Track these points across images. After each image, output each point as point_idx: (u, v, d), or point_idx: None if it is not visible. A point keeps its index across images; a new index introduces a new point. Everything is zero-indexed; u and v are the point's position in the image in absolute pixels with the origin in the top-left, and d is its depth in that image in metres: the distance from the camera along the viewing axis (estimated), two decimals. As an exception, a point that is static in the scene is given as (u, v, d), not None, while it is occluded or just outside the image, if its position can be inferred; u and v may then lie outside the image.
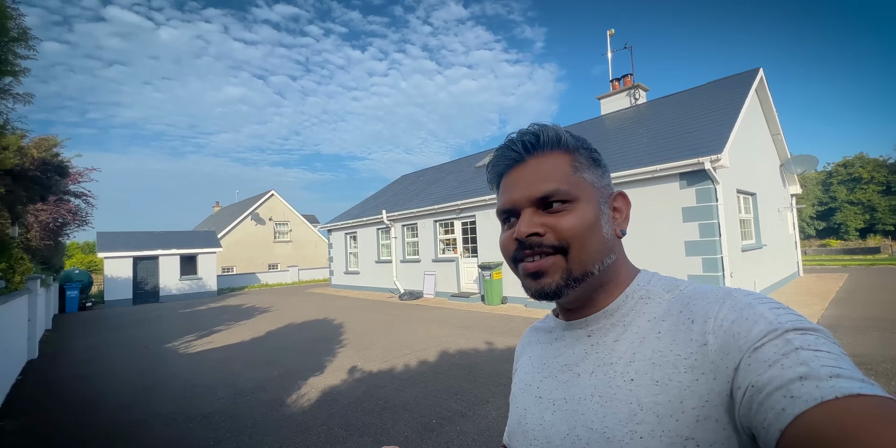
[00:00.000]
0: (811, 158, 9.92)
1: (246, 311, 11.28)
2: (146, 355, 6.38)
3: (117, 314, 12.31)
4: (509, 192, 0.56)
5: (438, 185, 13.48)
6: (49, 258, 8.66)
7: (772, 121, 9.81)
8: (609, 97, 12.27)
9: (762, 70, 8.76)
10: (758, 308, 0.43)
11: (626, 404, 0.46)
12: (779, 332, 0.40)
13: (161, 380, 4.98)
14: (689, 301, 0.50)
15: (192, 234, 18.57)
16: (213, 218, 31.01)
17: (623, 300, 0.55)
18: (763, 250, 8.49)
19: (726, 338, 0.43)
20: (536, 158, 0.56)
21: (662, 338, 0.48)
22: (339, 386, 4.36)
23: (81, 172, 8.22)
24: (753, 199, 8.47)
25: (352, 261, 15.70)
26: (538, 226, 0.53)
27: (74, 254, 38.62)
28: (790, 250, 11.11)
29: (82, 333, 8.97)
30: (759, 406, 0.37)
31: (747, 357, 0.40)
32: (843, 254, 26.40)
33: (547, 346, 0.62)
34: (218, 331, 8.25)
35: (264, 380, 4.72)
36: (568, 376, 0.55)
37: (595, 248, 0.53)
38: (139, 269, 15.73)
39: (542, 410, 0.56)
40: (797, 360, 0.36)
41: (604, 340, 0.54)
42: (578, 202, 0.54)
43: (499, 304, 9.27)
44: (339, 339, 6.67)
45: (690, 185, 6.50)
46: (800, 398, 0.34)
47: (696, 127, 7.57)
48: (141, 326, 9.52)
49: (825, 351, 0.37)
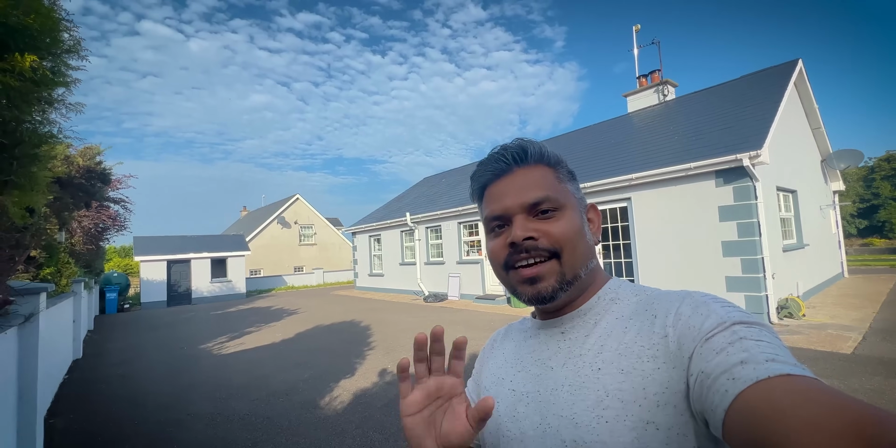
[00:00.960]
0: (855, 153, 9.40)
1: (275, 312, 11.50)
2: (182, 356, 6.56)
3: (153, 316, 12.75)
4: (500, 200, 0.59)
5: (461, 187, 13.43)
6: (91, 262, 9.05)
7: (812, 114, 9.35)
8: (636, 94, 11.97)
9: (801, 61, 8.36)
10: (711, 305, 0.48)
11: (594, 392, 0.50)
12: (727, 325, 0.44)
13: (197, 380, 5.10)
14: (653, 301, 0.54)
15: (221, 237, 19.13)
16: (241, 222, 31.89)
17: (595, 301, 0.59)
18: (805, 250, 8.08)
19: (683, 330, 0.47)
20: (524, 169, 0.59)
21: (628, 332, 0.52)
22: (371, 389, 4.36)
23: (120, 179, 8.54)
24: (794, 196, 8.08)
25: (376, 263, 15.82)
26: (532, 230, 0.56)
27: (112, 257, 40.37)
28: (833, 250, 10.55)
29: (121, 334, 9.32)
30: (707, 390, 0.40)
31: (699, 347, 0.44)
32: (889, 253, 24.93)
33: (521, 343, 0.65)
34: (249, 332, 8.43)
35: (297, 381, 4.77)
36: (541, 370, 0.58)
37: (582, 252, 0.57)
38: (173, 271, 16.28)
39: (514, 403, 0.58)
40: (740, 348, 0.40)
41: (575, 336, 0.57)
42: (566, 210, 0.58)
43: (525, 307, 9.14)
44: (367, 342, 6.70)
45: (727, 183, 6.24)
46: (739, 379, 0.37)
47: (732, 122, 7.28)
48: (175, 328, 9.83)
49: (766, 341, 0.41)
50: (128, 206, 9.57)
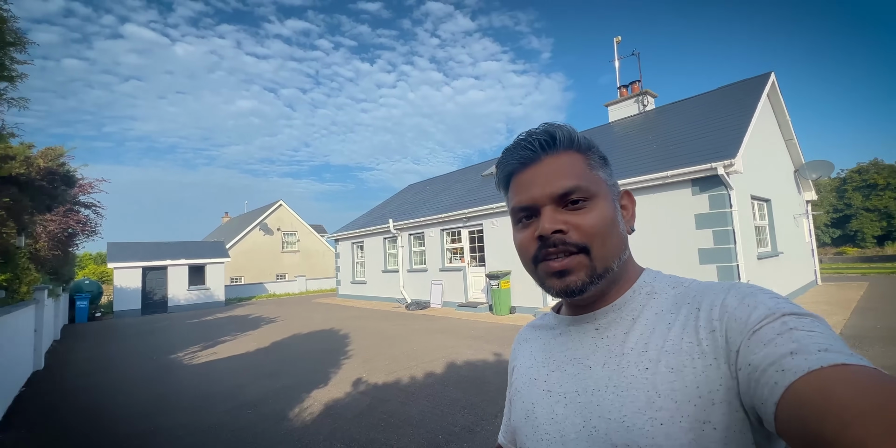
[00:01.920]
0: (826, 164, 9.69)
1: (252, 321, 11.22)
2: (152, 366, 6.31)
3: (126, 324, 12.32)
4: (527, 190, 0.55)
5: (445, 194, 13.42)
6: (58, 268, 8.70)
7: (785, 126, 9.63)
8: (617, 104, 12.19)
9: (773, 74, 8.62)
10: (759, 296, 0.46)
11: (644, 392, 0.47)
12: (776, 316, 0.41)
13: (165, 392, 4.89)
14: (695, 293, 0.51)
15: (200, 244, 18.68)
16: (223, 228, 31.28)
17: (631, 295, 0.56)
18: (779, 258, 8.25)
19: (730, 323, 0.44)
20: (552, 157, 0.56)
21: (672, 328, 0.49)
22: (343, 399, 4.23)
23: (91, 183, 8.29)
24: (768, 205, 8.27)
25: (359, 270, 15.63)
26: (561, 223, 0.53)
27: (87, 264, 39.10)
28: (807, 258, 10.80)
29: (90, 344, 8.95)
30: (756, 383, 0.38)
31: (747, 339, 0.41)
32: (861, 262, 25.72)
33: (550, 341, 0.62)
34: (224, 341, 8.18)
35: (267, 392, 4.61)
36: (578, 369, 0.55)
37: (614, 244, 0.54)
38: (148, 279, 15.80)
39: (552, 404, 0.55)
40: (790, 339, 0.38)
41: (613, 333, 0.54)
42: (597, 199, 0.54)
43: (507, 314, 9.09)
44: (344, 350, 6.55)
45: (703, 192, 6.34)
46: (790, 370, 0.35)
47: (708, 132, 7.44)
48: (148, 337, 9.49)
49: (818, 332, 0.39)
50: (100, 211, 9.31)
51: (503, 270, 9.27)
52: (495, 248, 9.81)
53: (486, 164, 15.12)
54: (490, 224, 9.91)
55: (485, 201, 10.09)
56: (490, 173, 12.81)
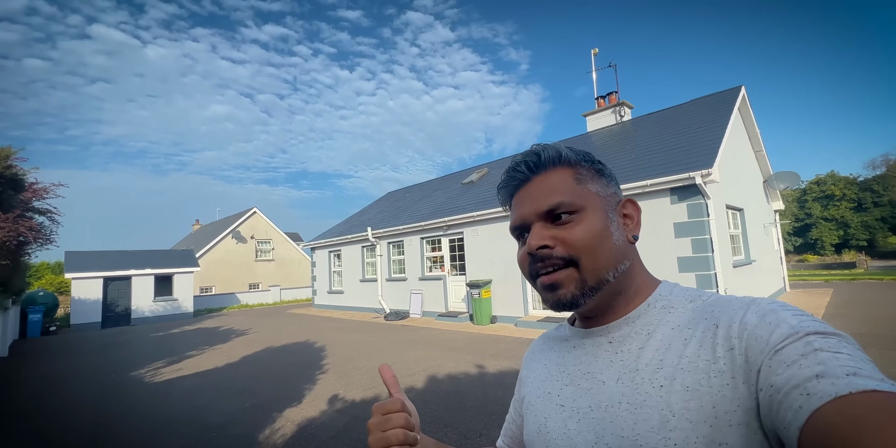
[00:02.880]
0: (793, 175, 10.07)
1: (222, 333, 10.69)
2: (108, 385, 5.85)
3: (83, 339, 11.54)
4: (519, 210, 0.58)
5: (425, 202, 13.28)
6: (7, 279, 8.05)
7: (754, 138, 9.97)
8: (595, 114, 12.40)
9: (744, 88, 8.93)
10: (781, 313, 0.44)
11: (658, 411, 0.46)
12: (800, 335, 0.40)
13: (121, 414, 4.50)
14: (713, 309, 0.50)
15: (167, 253, 17.86)
16: (193, 236, 30.11)
17: (645, 308, 0.55)
18: (752, 266, 8.44)
19: (750, 341, 0.43)
20: (541, 176, 0.57)
21: (689, 344, 0.48)
22: (318, 418, 3.97)
23: (47, 188, 7.73)
24: (741, 214, 8.48)
25: (336, 280, 15.22)
26: (548, 238, 0.54)
27: (44, 274, 36.91)
28: (776, 265, 11.15)
29: (41, 361, 8.29)
30: (778, 406, 0.37)
31: (768, 359, 0.40)
32: (821, 268, 26.93)
33: (564, 354, 0.61)
34: (190, 356, 7.71)
35: (235, 412, 4.30)
36: (591, 384, 0.54)
37: (606, 255, 0.53)
38: (110, 290, 14.93)
39: (565, 419, 0.55)
40: (815, 360, 0.37)
41: (628, 348, 0.53)
42: (585, 211, 0.55)
43: (488, 324, 8.95)
44: (319, 364, 6.25)
45: (682, 200, 6.42)
46: (815, 395, 0.34)
47: (684, 143, 7.59)
48: (107, 352, 8.87)
49: (846, 353, 0.37)
50: (56, 218, 8.70)
51: (484, 279, 9.15)
52: (476, 257, 9.70)
53: (465, 172, 15.09)
54: (471, 232, 9.80)
55: (465, 209, 10.00)
56: (470, 181, 12.76)
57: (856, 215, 36.56)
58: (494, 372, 5.18)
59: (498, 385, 4.62)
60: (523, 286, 8.61)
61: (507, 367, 5.33)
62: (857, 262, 25.75)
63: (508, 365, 5.45)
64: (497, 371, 5.21)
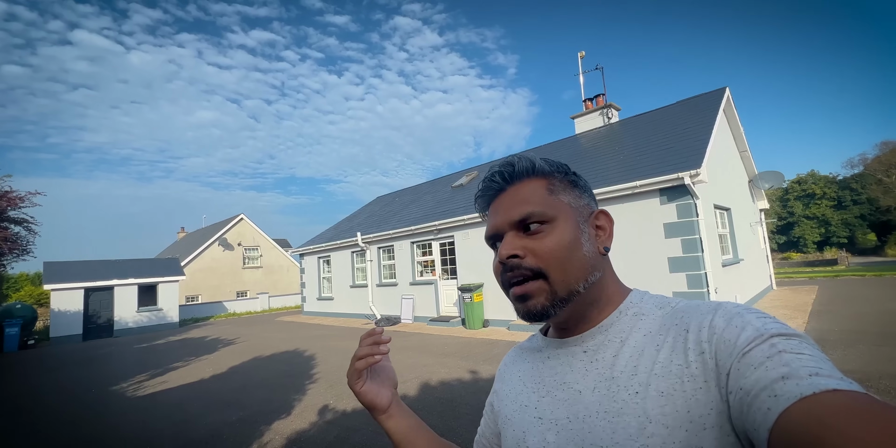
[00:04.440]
0: (777, 174, 10.24)
1: (209, 344, 10.43)
2: (87, 401, 5.62)
3: (63, 352, 11.15)
4: (493, 219, 0.59)
5: (415, 206, 13.19)
6: (-19, 292, 7.74)
7: (739, 138, 10.12)
8: (583, 117, 12.47)
9: (728, 89, 9.06)
10: (746, 316, 0.45)
11: (635, 418, 0.46)
12: (764, 338, 0.41)
13: (100, 431, 4.31)
14: (682, 314, 0.50)
15: (151, 261, 17.44)
16: (178, 244, 29.53)
17: (617, 316, 0.55)
18: (740, 265, 8.52)
19: (719, 344, 0.44)
20: (515, 186, 0.58)
21: (662, 350, 0.48)
22: (308, 430, 3.85)
23: (23, 197, 7.48)
24: (728, 213, 8.57)
25: (325, 286, 15.01)
26: (518, 248, 0.54)
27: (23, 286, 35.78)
28: (763, 264, 11.29)
29: (17, 376, 7.97)
30: (748, 408, 0.38)
31: (737, 362, 0.41)
32: (804, 266, 27.46)
33: (539, 365, 0.61)
34: (175, 368, 7.48)
35: (222, 426, 4.15)
36: (568, 394, 0.54)
37: (576, 266, 0.54)
38: (91, 301, 14.49)
39: (543, 432, 0.54)
40: (780, 362, 0.38)
41: (602, 356, 0.53)
42: (556, 222, 0.55)
43: (480, 328, 8.87)
44: (309, 374, 6.10)
45: (671, 201, 6.45)
46: (782, 396, 0.35)
47: (672, 144, 7.65)
48: (87, 366, 8.58)
49: (807, 354, 0.39)
50: (33, 228, 8.44)
51: (476, 283, 9.09)
52: (467, 261, 9.63)
53: (455, 176, 15.05)
54: (461, 236, 9.74)
55: (455, 213, 9.94)
56: (460, 185, 12.72)
57: (836, 213, 37.46)
58: (488, 377, 5.10)
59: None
60: (515, 289, 8.55)
61: (501, 372, 5.25)
62: (839, 258, 26.35)
63: (502, 370, 5.38)
64: (490, 376, 5.13)
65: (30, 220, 7.96)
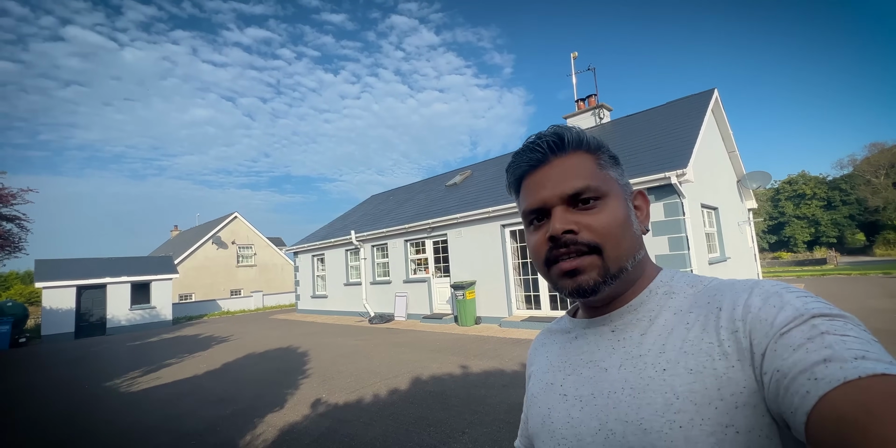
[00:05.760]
0: (765, 174, 10.42)
1: (202, 341, 10.45)
2: (80, 397, 5.66)
3: (55, 350, 11.12)
4: (537, 192, 0.55)
5: (409, 205, 13.27)
6: (-27, 289, 7.73)
7: (727, 139, 10.29)
8: (575, 116, 12.60)
9: (717, 90, 9.22)
10: (785, 296, 0.43)
11: (661, 394, 0.45)
12: (805, 318, 0.39)
13: (94, 425, 4.36)
14: (715, 292, 0.49)
15: (144, 259, 17.39)
16: (171, 243, 29.41)
17: (647, 295, 0.54)
18: (727, 263, 8.68)
19: (754, 323, 0.42)
20: (561, 158, 0.56)
21: (692, 328, 0.48)
22: (301, 423, 3.93)
23: (14, 194, 7.48)
24: (716, 213, 8.72)
25: (319, 284, 15.06)
26: (572, 223, 0.52)
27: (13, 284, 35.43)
28: (751, 263, 11.49)
29: (8, 375, 7.97)
30: (784, 391, 0.36)
31: (773, 343, 0.39)
32: (795, 265, 27.84)
33: (566, 345, 0.61)
34: (168, 365, 7.52)
35: (216, 419, 4.21)
36: (594, 372, 0.54)
37: (628, 244, 0.53)
38: (83, 299, 14.44)
39: (568, 408, 0.54)
40: (822, 344, 0.36)
41: (630, 335, 0.53)
42: (608, 198, 0.54)
43: (472, 325, 8.98)
44: (302, 369, 6.18)
45: (658, 200, 6.58)
46: (823, 379, 0.33)
47: (660, 144, 7.78)
48: (80, 363, 8.58)
49: (852, 336, 0.37)
50: (25, 225, 8.42)
51: (468, 280, 9.19)
52: (460, 259, 9.73)
53: (449, 174, 15.14)
54: (454, 234, 9.84)
55: (449, 211, 10.03)
56: (453, 183, 12.82)
57: (826, 213, 37.97)
58: (478, 371, 5.21)
59: (481, 384, 4.64)
60: (507, 287, 8.68)
61: (491, 367, 5.36)
62: (828, 258, 26.75)
63: (492, 365, 5.48)
64: (481, 371, 5.24)
65: (22, 217, 7.94)
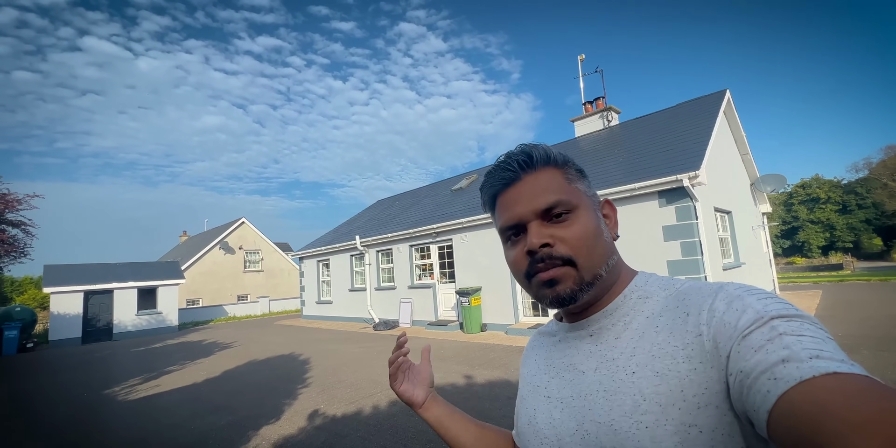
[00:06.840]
0: (780, 177, 10.12)
1: (205, 347, 10.37)
2: (78, 405, 5.56)
3: (61, 355, 11.12)
4: (512, 208, 0.58)
5: (414, 210, 13.15)
6: (-22, 295, 7.73)
7: (740, 141, 10.02)
8: (583, 119, 12.42)
9: (728, 91, 8.99)
10: (746, 299, 0.45)
11: (630, 396, 0.48)
12: (764, 320, 0.41)
13: (86, 435, 4.24)
14: (684, 296, 0.51)
15: (151, 265, 17.44)
16: (180, 248, 29.59)
17: (622, 300, 0.56)
18: (742, 268, 8.40)
19: (718, 327, 0.44)
20: (531, 175, 0.58)
21: (660, 332, 0.50)
22: (296, 436, 3.77)
23: (20, 199, 7.49)
24: (729, 217, 8.46)
25: (324, 289, 14.95)
26: (547, 236, 0.54)
27: (27, 289, 35.92)
28: (766, 268, 11.15)
29: (12, 380, 7.93)
30: (748, 390, 0.38)
31: (737, 345, 0.41)
32: (809, 271, 27.16)
33: (551, 348, 0.64)
34: (169, 372, 7.42)
35: (210, 430, 4.07)
36: (573, 375, 0.56)
37: (600, 251, 0.55)
38: (91, 304, 14.48)
39: (550, 409, 0.57)
40: (780, 345, 0.38)
41: (606, 338, 0.55)
42: (579, 210, 0.56)
43: (478, 332, 8.77)
44: (302, 378, 6.02)
45: (670, 203, 6.36)
46: (782, 379, 0.35)
47: (671, 146, 7.57)
48: (83, 369, 8.52)
49: (808, 335, 0.38)
50: (30, 230, 8.43)
51: (473, 286, 9.00)
52: (465, 264, 9.55)
53: (454, 179, 15.01)
54: (459, 239, 9.67)
55: (454, 216, 9.87)
56: (459, 188, 12.67)
57: (841, 218, 37.15)
58: (483, 382, 5.01)
59: (486, 396, 4.45)
60: (513, 293, 8.47)
61: (497, 378, 5.16)
62: (844, 263, 26.04)
63: (498, 375, 5.28)
64: (486, 381, 5.04)
65: (27, 223, 7.95)
